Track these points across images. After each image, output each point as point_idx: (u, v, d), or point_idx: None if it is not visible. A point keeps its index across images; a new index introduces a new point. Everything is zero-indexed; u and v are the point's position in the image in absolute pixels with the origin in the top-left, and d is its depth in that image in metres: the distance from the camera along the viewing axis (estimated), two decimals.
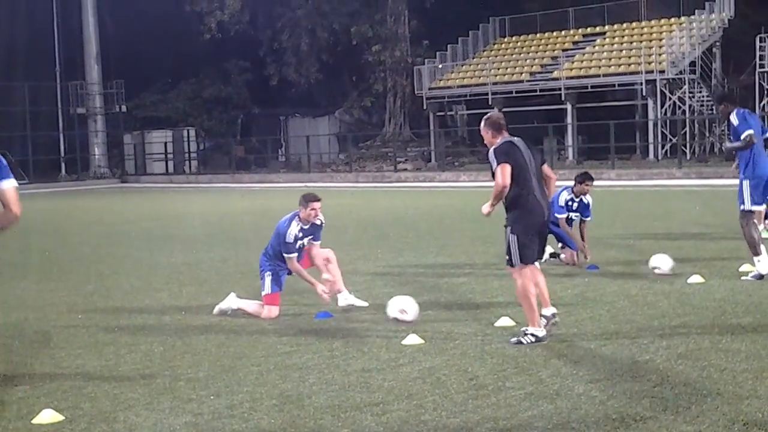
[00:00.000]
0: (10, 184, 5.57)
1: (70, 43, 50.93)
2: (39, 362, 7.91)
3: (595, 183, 12.86)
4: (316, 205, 9.63)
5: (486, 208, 8.06)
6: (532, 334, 7.91)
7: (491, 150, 8.01)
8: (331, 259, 9.94)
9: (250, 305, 9.68)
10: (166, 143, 50.79)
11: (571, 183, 12.56)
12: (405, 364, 7.37)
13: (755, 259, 10.95)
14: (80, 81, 50.58)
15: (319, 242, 9.92)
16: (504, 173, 7.86)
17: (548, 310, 8.12)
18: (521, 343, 7.86)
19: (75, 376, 7.38)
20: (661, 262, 11.40)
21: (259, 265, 9.98)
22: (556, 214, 11.94)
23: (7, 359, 7.81)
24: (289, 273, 9.85)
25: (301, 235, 9.68)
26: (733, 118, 11.10)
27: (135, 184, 47.15)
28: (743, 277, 10.93)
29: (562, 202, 12.27)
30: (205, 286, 11.86)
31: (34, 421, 6.12)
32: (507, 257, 8.11)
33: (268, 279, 9.67)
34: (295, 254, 9.67)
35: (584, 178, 12.45)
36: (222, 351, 8.09)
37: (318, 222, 9.80)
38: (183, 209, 27.63)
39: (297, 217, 9.67)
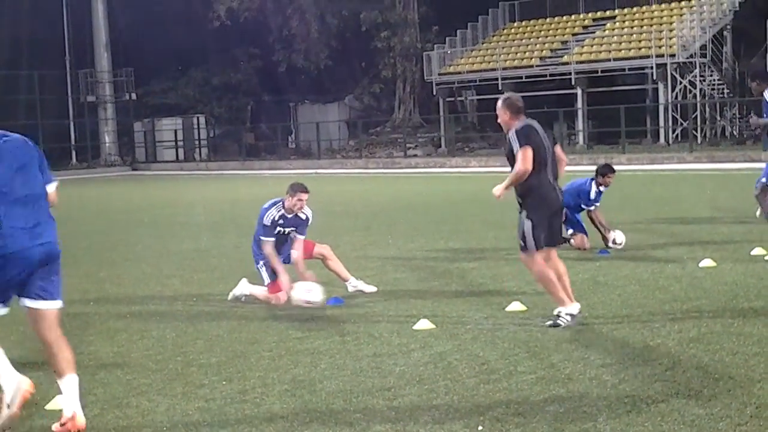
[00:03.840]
0: (54, 187, 5.93)
1: (80, 32, 50.93)
2: None
3: None
4: (303, 196, 9.50)
5: (499, 190, 7.96)
6: (567, 313, 7.82)
7: (512, 132, 7.86)
8: (327, 256, 9.87)
9: (261, 291, 9.69)
10: (176, 131, 50.81)
11: (586, 169, 12.59)
12: (416, 349, 7.38)
13: None
14: (90, 69, 50.60)
15: (303, 237, 9.71)
16: (526, 157, 7.73)
17: (573, 307, 7.97)
18: (558, 325, 7.75)
19: (88, 362, 7.41)
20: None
21: (252, 255, 9.94)
22: (590, 207, 12.20)
23: (21, 346, 7.84)
24: (286, 261, 9.69)
25: (281, 222, 9.57)
26: (767, 96, 11.01)
27: (145, 172, 47.20)
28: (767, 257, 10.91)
29: (593, 195, 12.31)
30: (216, 272, 11.89)
31: (48, 407, 6.15)
32: (521, 242, 7.98)
33: (263, 270, 9.65)
34: (272, 239, 9.55)
35: (607, 171, 12.51)
36: (234, 337, 8.12)
37: (303, 216, 9.64)
38: (193, 196, 27.65)
39: (282, 203, 9.59)
